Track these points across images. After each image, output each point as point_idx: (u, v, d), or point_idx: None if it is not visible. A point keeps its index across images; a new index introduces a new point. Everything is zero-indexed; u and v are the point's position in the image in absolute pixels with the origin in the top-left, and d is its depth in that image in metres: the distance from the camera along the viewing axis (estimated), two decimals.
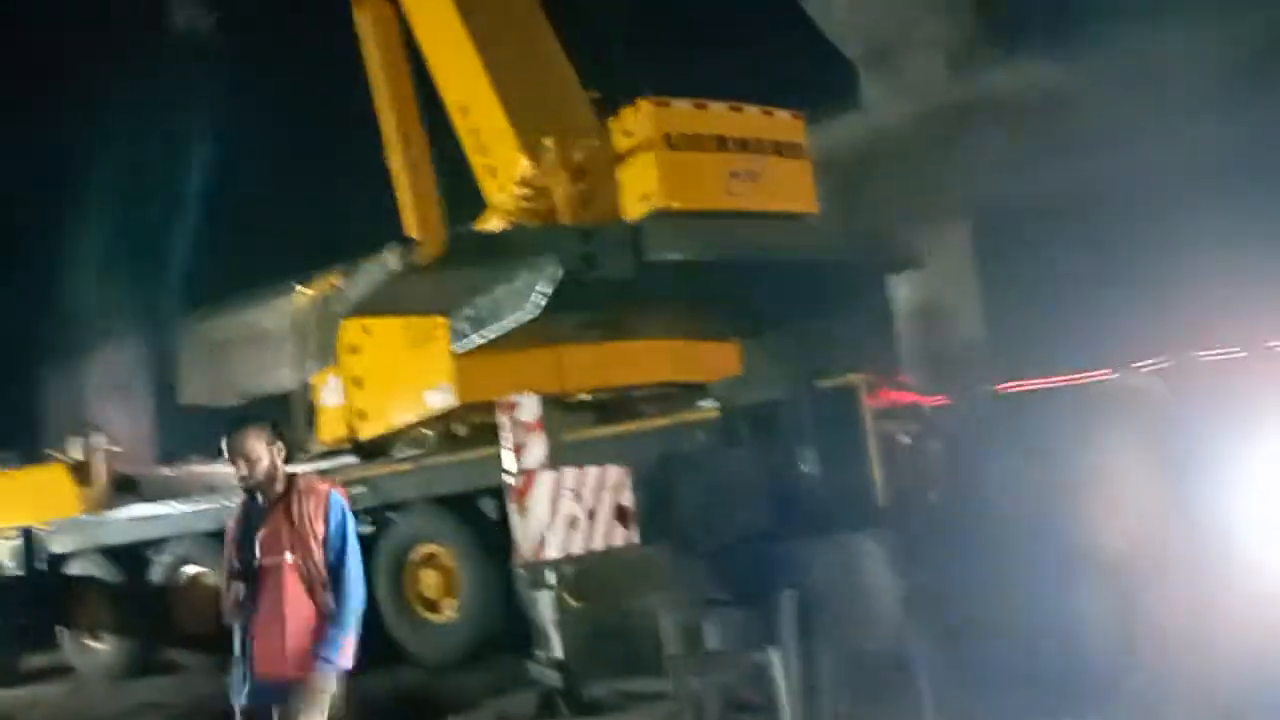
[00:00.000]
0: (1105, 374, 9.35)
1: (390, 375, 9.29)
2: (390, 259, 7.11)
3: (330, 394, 10.13)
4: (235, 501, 4.22)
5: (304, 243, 15.51)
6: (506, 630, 8.08)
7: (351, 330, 9.77)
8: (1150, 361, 8.72)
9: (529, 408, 6.26)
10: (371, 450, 9.82)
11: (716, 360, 9.56)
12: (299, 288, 11.36)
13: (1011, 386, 10.54)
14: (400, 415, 9.22)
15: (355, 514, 10.15)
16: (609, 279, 7.12)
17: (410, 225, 10.06)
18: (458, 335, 8.13)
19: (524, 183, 8.43)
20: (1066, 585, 6.24)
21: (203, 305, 22.45)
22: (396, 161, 10.23)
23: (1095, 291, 11.88)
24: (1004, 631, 5.93)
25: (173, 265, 20.13)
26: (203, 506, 10.46)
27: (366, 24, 10.72)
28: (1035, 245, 12.87)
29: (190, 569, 10.56)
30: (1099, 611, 6.01)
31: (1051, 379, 10.32)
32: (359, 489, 9.50)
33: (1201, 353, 7.61)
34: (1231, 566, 4.80)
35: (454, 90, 9.28)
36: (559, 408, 8.79)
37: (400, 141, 10.16)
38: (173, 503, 10.74)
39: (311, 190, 18.92)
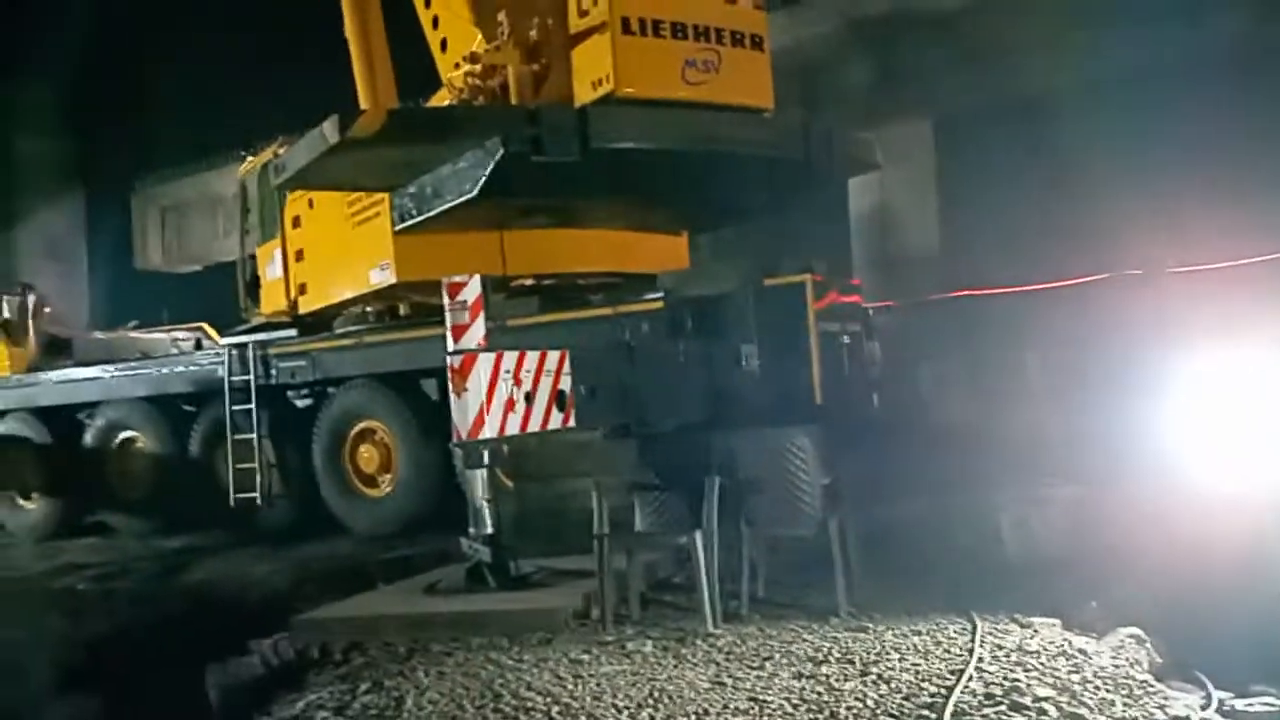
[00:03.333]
0: (1047, 285, 9.50)
1: (332, 250, 9.15)
2: (328, 130, 6.88)
3: (273, 266, 9.96)
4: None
5: (260, 107, 14.94)
6: (440, 508, 8.20)
7: (295, 202, 9.57)
8: (1086, 276, 8.88)
9: (470, 289, 6.19)
10: (311, 325, 9.73)
11: (664, 252, 9.51)
12: (245, 155, 11.05)
13: (954, 294, 10.66)
14: (341, 290, 9.12)
15: (294, 387, 10.03)
16: (555, 164, 6.98)
17: (362, 96, 9.76)
18: (399, 213, 7.99)
19: (475, 59, 8.18)
20: (986, 484, 6.46)
21: (158, 168, 21.67)
22: (350, 29, 9.85)
23: (1047, 202, 11.96)
24: (921, 525, 6.14)
25: (122, 124, 19.34)
26: (137, 372, 10.39)
27: None
28: (995, 155, 12.85)
29: (124, 434, 10.55)
30: (1015, 511, 6.24)
31: (996, 288, 10.45)
32: (299, 363, 9.46)
33: (1130, 270, 7.78)
34: (1153, 467, 4.97)
35: None
36: (504, 291, 8.75)
37: (354, 8, 9.76)
38: (106, 367, 10.64)
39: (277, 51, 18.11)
